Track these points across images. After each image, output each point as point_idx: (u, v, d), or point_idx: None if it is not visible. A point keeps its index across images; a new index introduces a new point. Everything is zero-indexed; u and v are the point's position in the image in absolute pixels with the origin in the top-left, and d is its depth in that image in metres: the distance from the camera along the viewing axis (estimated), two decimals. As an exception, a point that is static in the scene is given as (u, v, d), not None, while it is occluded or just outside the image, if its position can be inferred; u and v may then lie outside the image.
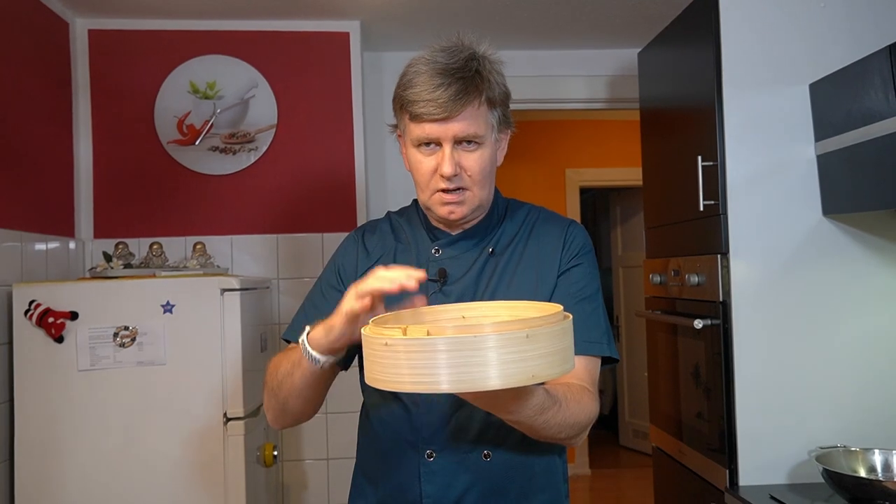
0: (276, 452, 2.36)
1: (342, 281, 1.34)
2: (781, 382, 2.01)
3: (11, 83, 2.29)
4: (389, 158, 3.23)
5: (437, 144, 1.24)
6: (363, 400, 1.39)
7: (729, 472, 2.02)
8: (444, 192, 1.25)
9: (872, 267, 2.03)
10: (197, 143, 2.82)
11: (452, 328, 0.89)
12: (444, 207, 1.27)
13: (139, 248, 2.71)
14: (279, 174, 2.88)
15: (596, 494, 5.07)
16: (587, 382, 1.24)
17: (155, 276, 2.28)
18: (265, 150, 2.86)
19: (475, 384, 0.85)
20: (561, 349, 0.91)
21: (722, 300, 2.05)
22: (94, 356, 2.09)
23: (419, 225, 1.38)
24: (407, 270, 1.07)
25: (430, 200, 1.29)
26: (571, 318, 0.96)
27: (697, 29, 2.17)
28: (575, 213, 5.37)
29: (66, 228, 2.67)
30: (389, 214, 1.45)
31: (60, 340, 2.08)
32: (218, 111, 2.84)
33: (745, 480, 1.99)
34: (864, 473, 1.87)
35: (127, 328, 2.11)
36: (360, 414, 1.41)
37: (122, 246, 2.47)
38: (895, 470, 1.89)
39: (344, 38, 2.94)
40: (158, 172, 2.81)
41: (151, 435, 2.11)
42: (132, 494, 2.09)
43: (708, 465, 2.14)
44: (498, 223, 1.36)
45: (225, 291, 2.18)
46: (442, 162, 1.23)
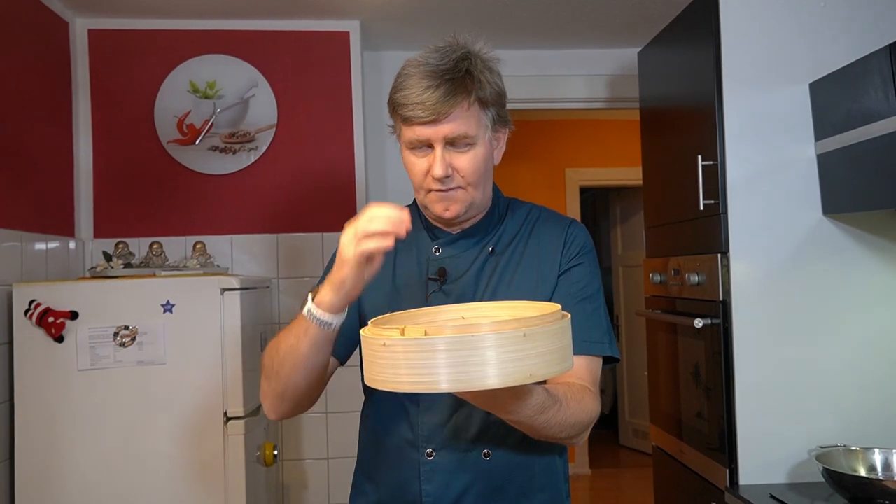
0: (276, 452, 2.36)
1: None
2: (781, 382, 2.01)
3: (11, 83, 2.29)
4: (389, 158, 3.23)
5: (428, 146, 1.24)
6: (363, 399, 1.39)
7: (729, 471, 2.01)
8: (437, 190, 1.25)
9: (872, 266, 2.03)
10: (197, 142, 2.82)
11: (450, 328, 0.89)
12: (438, 205, 1.27)
13: (139, 247, 2.71)
14: (279, 174, 2.88)
15: (596, 494, 5.07)
16: (588, 382, 1.24)
17: (155, 275, 2.28)
18: (265, 149, 2.86)
19: (474, 383, 0.85)
20: (559, 348, 0.91)
21: (722, 299, 2.05)
22: (94, 356, 2.09)
23: (419, 224, 1.38)
24: (396, 211, 1.08)
25: (425, 199, 1.29)
26: (569, 317, 0.96)
27: (697, 28, 2.17)
28: (575, 212, 5.37)
29: (66, 228, 2.67)
30: None
31: (60, 340, 2.08)
32: (218, 111, 2.84)
33: (745, 480, 1.99)
34: (864, 473, 1.87)
35: (127, 328, 2.11)
36: (360, 413, 1.41)
37: (122, 245, 2.47)
38: (895, 469, 1.89)
39: (344, 37, 2.94)
40: (158, 172, 2.81)
41: (151, 434, 2.11)
42: (132, 494, 2.09)
43: (708, 464, 2.14)
44: (498, 222, 1.36)
45: (225, 291, 2.18)
46: (434, 163, 1.23)
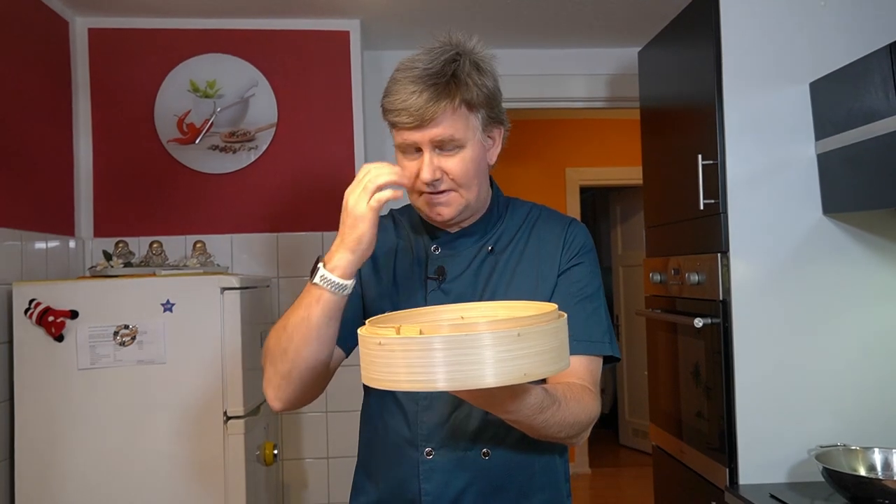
0: (276, 451, 2.36)
1: None
2: (781, 381, 2.01)
3: (11, 82, 2.29)
4: (389, 157, 3.15)
5: (418, 150, 1.24)
6: (363, 398, 1.39)
7: (729, 470, 2.01)
8: (428, 193, 1.25)
9: (873, 266, 2.03)
10: (197, 141, 2.82)
11: (446, 327, 0.89)
12: (430, 209, 1.28)
13: (139, 246, 2.71)
14: (279, 173, 2.88)
15: (596, 493, 5.08)
16: (588, 382, 1.24)
17: (155, 274, 2.28)
18: (265, 148, 2.86)
19: (470, 382, 0.86)
20: (554, 347, 0.91)
21: (722, 299, 2.05)
22: (94, 355, 2.09)
23: (419, 223, 1.38)
24: (394, 165, 1.17)
25: (417, 202, 1.29)
26: (566, 317, 0.96)
27: (698, 28, 2.16)
28: (575, 212, 5.37)
29: (66, 227, 2.67)
30: (392, 212, 1.46)
31: (60, 339, 2.08)
32: (218, 110, 2.84)
33: (745, 479, 1.99)
34: (864, 472, 1.87)
35: (127, 327, 2.11)
36: (360, 412, 1.41)
37: (122, 245, 2.47)
38: (895, 469, 1.89)
39: (344, 36, 2.94)
40: (158, 171, 2.81)
41: (151, 433, 2.11)
42: (132, 493, 2.09)
43: (708, 463, 2.14)
44: (498, 221, 1.36)
45: (225, 290, 2.17)
46: (422, 167, 1.23)
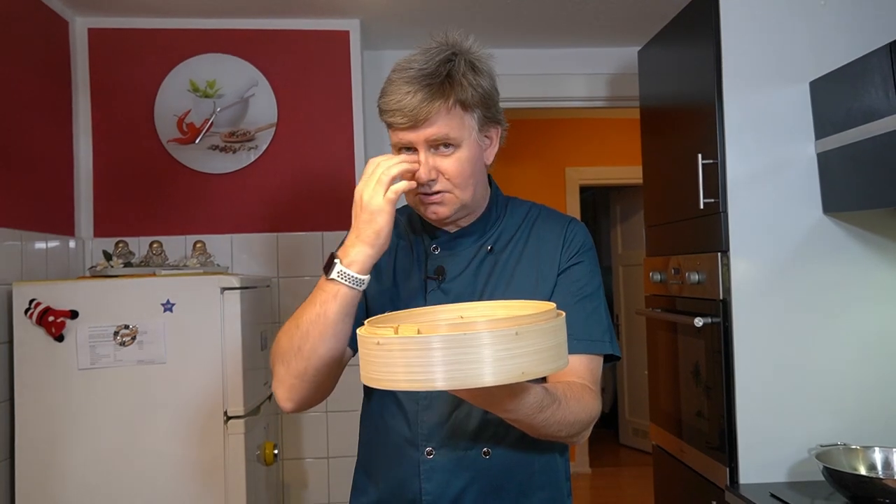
0: (276, 451, 2.36)
1: None
2: (782, 380, 2.01)
3: (11, 82, 2.29)
4: (389, 156, 3.21)
5: (413, 149, 1.24)
6: (363, 398, 1.39)
7: (729, 470, 2.01)
8: (424, 194, 1.25)
9: (873, 265, 2.03)
10: (197, 141, 2.82)
11: (444, 326, 0.89)
12: (426, 209, 1.28)
13: (139, 246, 2.71)
14: (279, 173, 2.88)
15: (596, 493, 5.07)
16: (588, 381, 1.24)
17: (155, 274, 2.28)
18: (265, 148, 2.86)
19: (469, 381, 0.86)
20: (552, 346, 0.91)
21: (722, 298, 2.05)
22: (94, 355, 2.09)
23: (418, 223, 1.38)
24: (398, 157, 1.21)
25: (414, 201, 1.30)
26: (564, 315, 0.96)
27: (698, 27, 2.16)
28: (575, 211, 5.36)
29: (66, 227, 2.67)
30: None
31: (60, 339, 2.08)
32: (218, 110, 2.83)
33: (745, 478, 1.99)
34: (864, 471, 1.87)
35: (127, 327, 2.11)
36: (360, 412, 1.41)
37: (122, 244, 2.47)
38: (895, 468, 1.89)
39: (344, 36, 2.94)
40: (158, 171, 2.81)
41: (152, 433, 2.11)
42: (132, 493, 2.09)
43: (708, 463, 2.14)
44: (497, 221, 1.36)
45: (225, 290, 2.17)
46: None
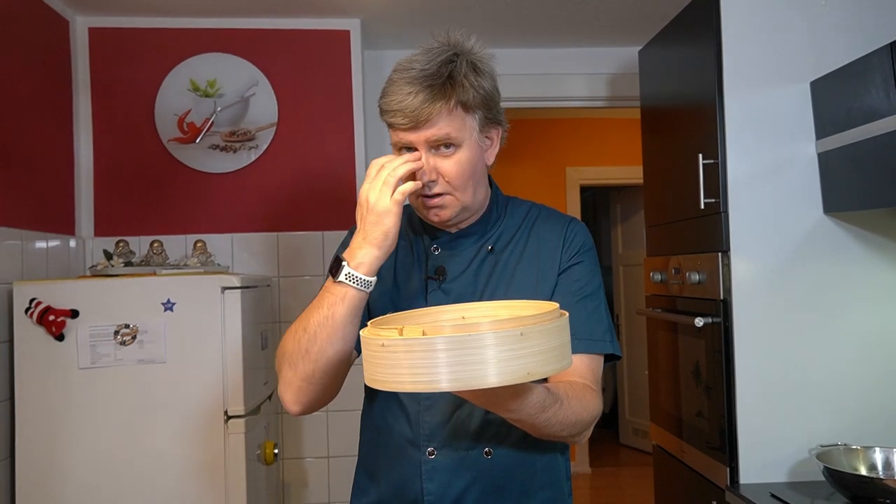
0: (276, 450, 2.36)
1: None
2: (782, 380, 2.01)
3: (11, 81, 2.29)
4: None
5: (414, 150, 1.24)
6: (364, 399, 1.39)
7: (729, 470, 2.01)
8: (425, 196, 1.25)
9: (873, 265, 2.03)
10: (197, 141, 2.82)
11: (448, 327, 0.89)
12: (427, 212, 1.28)
13: (140, 246, 2.71)
14: (279, 172, 2.88)
15: (596, 493, 5.08)
16: (590, 380, 1.24)
17: (155, 274, 2.28)
18: (265, 148, 2.86)
19: (473, 382, 0.85)
20: (556, 346, 0.91)
21: (722, 298, 2.05)
22: (94, 354, 2.09)
23: (418, 223, 1.38)
24: (402, 156, 1.21)
25: (415, 203, 1.30)
26: (567, 315, 0.96)
27: (698, 27, 2.16)
28: (575, 211, 5.36)
29: (66, 226, 2.67)
30: None
31: (61, 338, 2.08)
32: (218, 109, 2.83)
33: (745, 478, 1.99)
34: (864, 471, 1.87)
35: (127, 326, 2.11)
36: (361, 412, 1.41)
37: (122, 244, 2.47)
38: (895, 468, 1.89)
39: (344, 36, 2.94)
40: (159, 170, 2.81)
41: (152, 433, 2.11)
42: (133, 492, 2.09)
43: (708, 463, 2.14)
44: (497, 221, 1.36)
45: (225, 289, 2.17)
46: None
